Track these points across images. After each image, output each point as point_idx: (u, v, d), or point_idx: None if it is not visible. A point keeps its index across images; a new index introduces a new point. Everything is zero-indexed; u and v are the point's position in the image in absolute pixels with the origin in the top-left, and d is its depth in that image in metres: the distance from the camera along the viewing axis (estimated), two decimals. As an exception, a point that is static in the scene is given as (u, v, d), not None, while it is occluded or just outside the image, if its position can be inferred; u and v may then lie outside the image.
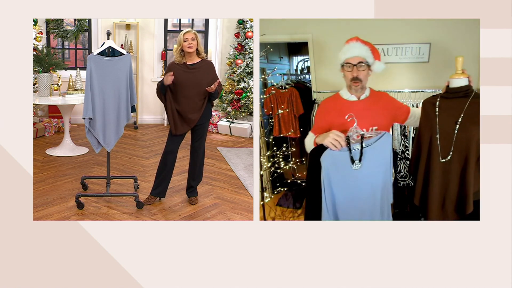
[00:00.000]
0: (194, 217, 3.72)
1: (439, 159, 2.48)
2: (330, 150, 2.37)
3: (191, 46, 3.62)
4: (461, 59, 2.49)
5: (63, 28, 6.45)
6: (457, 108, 2.47)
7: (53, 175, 4.55)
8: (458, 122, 2.43)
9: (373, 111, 2.54)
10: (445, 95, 2.54)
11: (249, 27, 6.49)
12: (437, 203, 2.50)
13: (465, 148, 2.42)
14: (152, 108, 7.06)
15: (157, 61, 7.08)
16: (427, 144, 2.54)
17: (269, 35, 3.81)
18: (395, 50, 3.58)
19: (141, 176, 4.59)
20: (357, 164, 2.38)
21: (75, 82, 5.69)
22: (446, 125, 2.47)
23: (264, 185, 4.20)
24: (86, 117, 3.60)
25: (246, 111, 6.60)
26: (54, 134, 6.22)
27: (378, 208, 2.46)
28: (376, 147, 2.41)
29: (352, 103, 2.56)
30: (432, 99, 2.59)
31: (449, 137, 2.45)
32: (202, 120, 3.79)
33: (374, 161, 2.40)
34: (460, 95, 2.49)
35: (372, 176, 2.42)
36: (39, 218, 3.53)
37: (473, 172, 2.43)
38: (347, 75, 2.54)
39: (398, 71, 3.57)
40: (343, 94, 2.61)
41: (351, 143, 2.36)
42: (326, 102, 2.70)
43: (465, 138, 2.41)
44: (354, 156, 2.37)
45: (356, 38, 2.58)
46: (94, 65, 3.58)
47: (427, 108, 2.59)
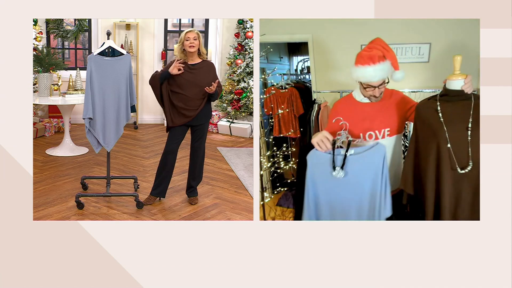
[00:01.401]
0: (194, 217, 3.72)
1: (450, 169, 2.29)
2: (316, 150, 2.36)
3: (192, 46, 3.62)
4: (459, 58, 2.35)
5: (63, 28, 6.45)
6: (463, 113, 2.31)
7: (53, 175, 4.55)
8: (469, 128, 2.27)
9: (386, 113, 2.52)
10: (445, 98, 2.37)
11: (249, 27, 6.49)
12: (450, 215, 2.34)
13: (478, 155, 2.30)
14: (152, 108, 7.05)
15: (157, 61, 7.08)
16: (434, 155, 2.33)
17: (269, 35, 3.81)
18: (395, 50, 3.57)
19: (141, 176, 4.59)
20: (339, 172, 2.30)
21: (75, 82, 5.69)
22: (457, 131, 2.29)
23: (264, 185, 4.20)
24: (86, 117, 3.60)
25: (246, 111, 6.60)
26: (54, 134, 6.22)
27: (365, 218, 2.38)
28: (365, 157, 2.32)
29: (365, 105, 2.54)
30: (429, 103, 2.40)
31: (463, 145, 2.28)
32: (202, 120, 3.79)
33: (361, 170, 2.31)
34: (462, 97, 2.33)
35: (358, 185, 2.32)
36: (39, 218, 3.53)
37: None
38: (366, 92, 2.46)
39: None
40: (356, 96, 2.59)
41: (337, 148, 2.32)
42: (339, 102, 2.68)
43: (477, 145, 2.28)
44: (337, 161, 2.31)
45: (378, 56, 2.38)
46: (94, 65, 3.58)
47: (426, 113, 2.38)
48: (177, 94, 3.69)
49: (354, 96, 2.59)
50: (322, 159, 2.35)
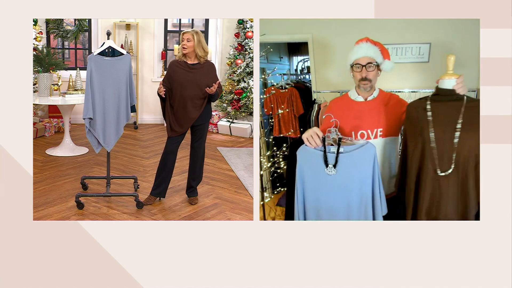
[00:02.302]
0: (194, 217, 3.72)
1: (434, 172, 2.25)
2: (306, 146, 2.36)
3: (184, 47, 3.63)
4: (452, 58, 2.31)
5: (63, 28, 6.45)
6: (453, 113, 2.25)
7: (53, 175, 4.55)
8: (457, 129, 2.21)
9: (380, 113, 2.52)
10: (436, 97, 2.32)
11: (249, 27, 6.49)
12: (426, 218, 2.29)
13: (466, 159, 2.22)
14: (152, 108, 7.05)
15: (157, 61, 7.08)
16: (418, 155, 2.30)
17: (269, 35, 3.81)
18: (395, 50, 3.58)
19: (141, 176, 4.59)
20: (331, 169, 2.29)
21: (75, 82, 5.69)
22: (443, 133, 2.24)
23: (264, 185, 4.20)
24: (87, 117, 3.60)
25: (246, 111, 6.60)
26: (54, 134, 6.22)
27: (355, 219, 2.35)
28: (354, 156, 2.28)
29: (358, 104, 2.56)
30: (420, 102, 2.36)
31: (448, 147, 2.22)
32: (202, 120, 3.79)
33: (350, 170, 2.28)
34: (453, 98, 2.28)
35: (346, 185, 2.30)
36: (39, 218, 3.53)
37: (473, 185, 2.24)
38: (356, 76, 2.53)
39: (398, 71, 3.57)
40: (351, 95, 2.62)
41: (327, 145, 2.30)
42: (334, 102, 2.71)
43: (466, 148, 2.21)
44: (329, 159, 2.30)
45: (366, 38, 2.55)
46: (95, 65, 3.58)
47: (415, 113, 2.35)
48: (178, 96, 3.69)
49: (350, 95, 2.62)
50: (310, 156, 2.34)
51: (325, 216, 2.38)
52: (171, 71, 3.72)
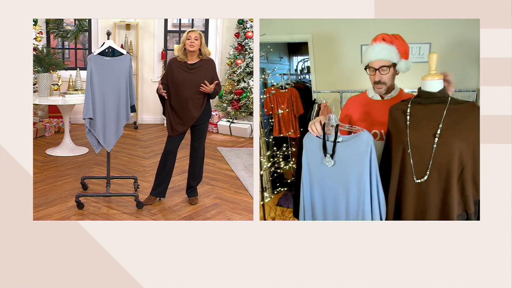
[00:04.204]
0: (194, 217, 3.72)
1: (413, 179, 2.13)
2: (310, 134, 2.35)
3: (192, 45, 3.62)
4: (435, 57, 2.15)
5: (63, 28, 6.45)
6: (434, 117, 2.11)
7: (53, 175, 4.55)
8: (437, 134, 2.07)
9: None
10: (417, 99, 2.18)
11: (249, 27, 6.49)
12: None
13: (446, 166, 2.07)
14: (152, 108, 7.05)
15: (157, 61, 7.08)
16: (398, 161, 2.18)
17: (269, 35, 3.81)
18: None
19: (141, 176, 4.59)
20: (329, 160, 2.24)
21: (75, 82, 5.69)
22: (421, 138, 2.11)
23: (264, 185, 4.20)
24: (87, 117, 3.61)
25: (246, 111, 6.60)
26: (54, 134, 6.22)
27: (353, 218, 2.30)
28: (350, 146, 2.19)
29: (374, 102, 2.55)
30: (401, 105, 2.24)
31: (425, 153, 2.08)
32: (201, 120, 3.79)
33: (346, 161, 2.21)
34: (435, 100, 2.13)
35: (343, 174, 2.23)
36: (39, 218, 3.53)
37: (455, 194, 2.09)
38: (371, 78, 2.47)
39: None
40: (368, 92, 2.61)
41: (327, 134, 2.27)
42: (352, 99, 2.70)
43: (446, 154, 2.06)
44: (328, 148, 2.25)
45: (382, 37, 2.41)
46: (95, 65, 3.58)
47: (395, 116, 2.24)
48: (177, 96, 3.69)
49: (367, 93, 2.62)
50: (313, 143, 2.33)
51: (330, 208, 2.34)
52: (170, 70, 3.72)
